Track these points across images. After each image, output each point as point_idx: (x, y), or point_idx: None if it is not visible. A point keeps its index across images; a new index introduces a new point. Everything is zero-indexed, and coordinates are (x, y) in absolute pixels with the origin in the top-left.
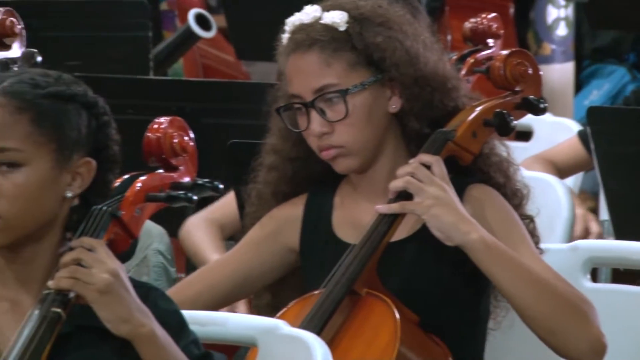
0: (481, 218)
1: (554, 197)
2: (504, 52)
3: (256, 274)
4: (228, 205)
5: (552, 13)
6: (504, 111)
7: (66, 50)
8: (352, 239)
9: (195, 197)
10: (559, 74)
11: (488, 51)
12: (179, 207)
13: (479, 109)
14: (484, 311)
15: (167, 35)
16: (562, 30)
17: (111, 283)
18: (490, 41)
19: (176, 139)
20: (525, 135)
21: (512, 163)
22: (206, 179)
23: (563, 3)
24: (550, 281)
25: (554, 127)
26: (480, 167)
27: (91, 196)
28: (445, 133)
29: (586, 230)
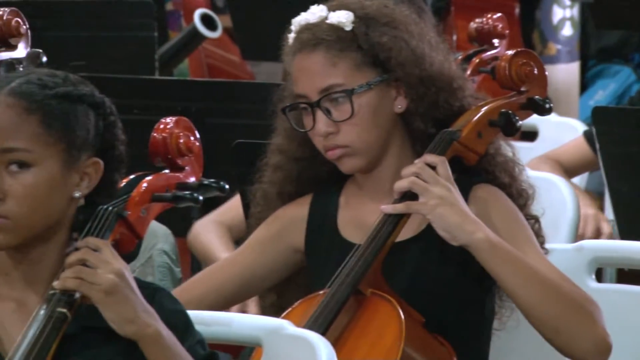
0: (486, 218)
1: (559, 197)
2: (510, 52)
3: (261, 273)
4: (235, 207)
5: (558, 13)
6: (510, 111)
7: (71, 51)
8: (357, 239)
9: (201, 197)
10: (564, 74)
11: (493, 51)
12: (184, 207)
13: (484, 109)
14: (489, 311)
15: (173, 35)
16: (567, 30)
17: (116, 283)
18: (496, 41)
19: (182, 139)
20: (530, 135)
21: (518, 163)
22: (212, 179)
23: (568, 3)
24: (555, 281)
25: (559, 127)
26: (486, 167)
27: (97, 196)
28: (451, 133)
29: (598, 230)
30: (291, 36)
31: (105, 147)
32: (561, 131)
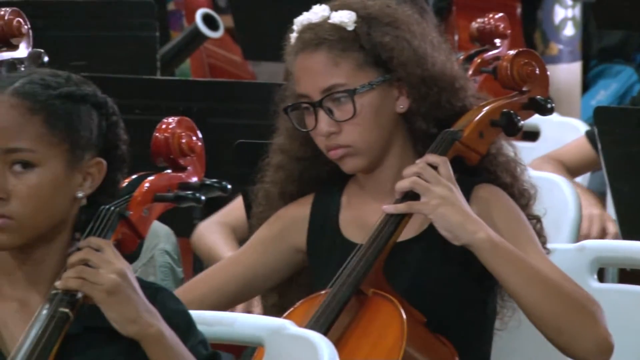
0: (488, 218)
1: (560, 197)
2: (511, 52)
3: (264, 273)
4: (239, 208)
5: (560, 13)
6: (511, 111)
7: (73, 51)
8: (359, 239)
9: (203, 197)
10: (566, 74)
11: (495, 51)
12: (186, 207)
13: (486, 109)
14: (490, 311)
15: (175, 35)
16: (569, 30)
17: (118, 283)
18: (498, 41)
19: (184, 139)
20: (532, 135)
21: (519, 163)
22: (214, 179)
23: (570, 3)
24: (557, 281)
25: (561, 127)
26: (487, 167)
27: (99, 196)
28: (453, 133)
29: (603, 230)
30: (293, 36)
31: (108, 147)
32: (563, 131)
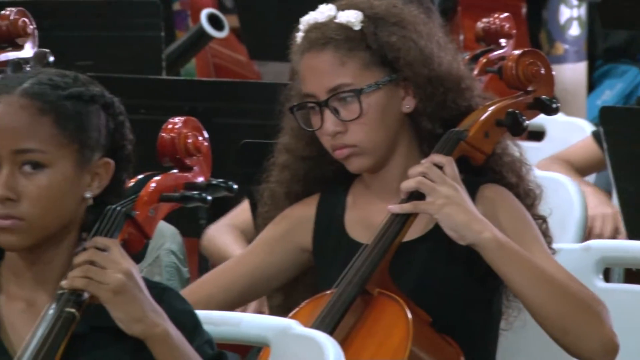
0: (493, 218)
1: (566, 197)
2: (517, 52)
3: (269, 273)
4: (247, 210)
5: (565, 13)
6: (517, 111)
7: (78, 50)
8: (364, 239)
9: (209, 197)
10: (571, 73)
11: (500, 51)
12: (192, 207)
13: (491, 109)
14: (496, 311)
15: (180, 35)
16: (574, 30)
17: (124, 283)
18: (503, 41)
19: (190, 139)
20: (537, 135)
21: (525, 163)
22: (220, 179)
23: (576, 3)
24: (562, 281)
25: (566, 127)
26: (493, 167)
27: (106, 196)
28: (458, 133)
29: (616, 229)
30: (299, 35)
31: (115, 147)
32: (568, 131)
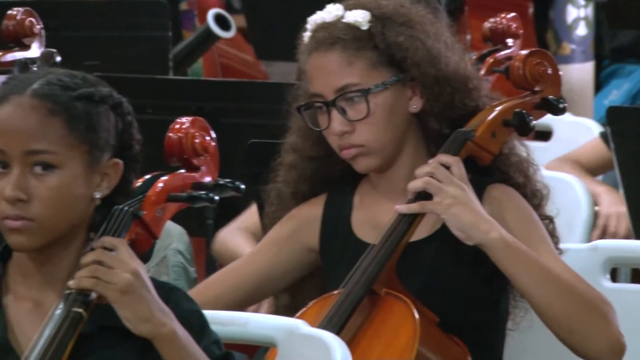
0: (500, 218)
1: (573, 197)
2: (524, 52)
3: (277, 273)
4: (256, 214)
5: (572, 13)
6: (524, 111)
7: (85, 50)
8: (371, 239)
9: (217, 197)
10: (578, 73)
11: (507, 51)
12: (199, 207)
13: (498, 109)
14: (503, 311)
15: (187, 35)
16: (581, 30)
17: (132, 283)
18: (510, 41)
19: (198, 139)
20: (544, 135)
21: (532, 163)
22: (228, 179)
23: (583, 3)
24: (569, 281)
25: (573, 127)
26: (500, 167)
27: (113, 196)
28: (465, 133)
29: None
30: (307, 35)
31: (123, 147)
32: (575, 131)
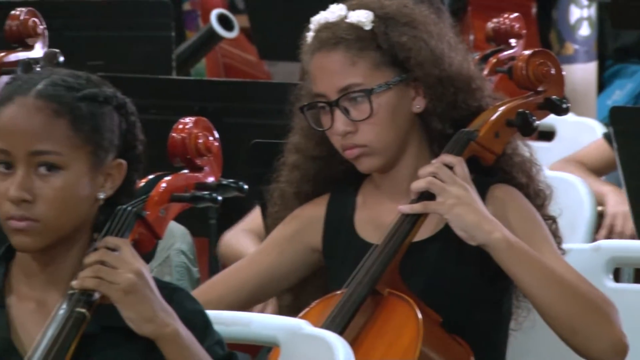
0: (503, 218)
1: (576, 197)
2: (527, 52)
3: (280, 273)
4: (259, 217)
5: (575, 13)
6: (527, 111)
7: (88, 50)
8: (374, 239)
9: (220, 197)
10: (581, 73)
11: (510, 51)
12: (202, 207)
13: (501, 109)
14: (506, 311)
15: (190, 35)
16: (585, 30)
17: (135, 283)
18: (513, 41)
19: (201, 139)
20: (547, 135)
21: (535, 163)
22: (231, 179)
23: (586, 3)
24: (572, 281)
25: (576, 127)
26: (503, 167)
27: (117, 196)
28: (468, 133)
29: None
30: (310, 35)
31: (126, 148)
32: (579, 131)
